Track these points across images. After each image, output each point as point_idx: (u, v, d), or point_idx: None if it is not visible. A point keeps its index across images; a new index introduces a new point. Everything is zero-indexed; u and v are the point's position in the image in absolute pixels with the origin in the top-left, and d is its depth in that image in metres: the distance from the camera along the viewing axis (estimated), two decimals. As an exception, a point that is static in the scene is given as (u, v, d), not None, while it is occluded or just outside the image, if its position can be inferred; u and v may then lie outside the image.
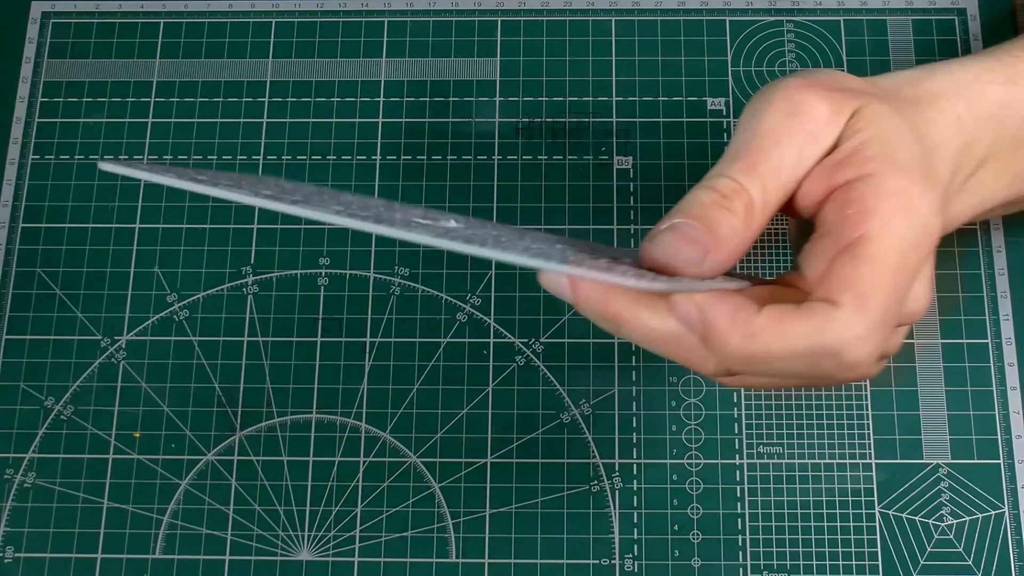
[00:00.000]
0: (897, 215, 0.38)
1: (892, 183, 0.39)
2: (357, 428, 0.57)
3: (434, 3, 0.65)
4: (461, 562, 0.54)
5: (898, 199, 0.39)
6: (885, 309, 0.38)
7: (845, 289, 0.38)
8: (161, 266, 0.60)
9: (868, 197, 0.39)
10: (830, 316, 0.37)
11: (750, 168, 0.40)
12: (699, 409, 0.57)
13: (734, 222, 0.39)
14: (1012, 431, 0.56)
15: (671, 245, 0.39)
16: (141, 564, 0.55)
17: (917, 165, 0.40)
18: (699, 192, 0.40)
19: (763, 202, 0.40)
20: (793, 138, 0.40)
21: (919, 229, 0.39)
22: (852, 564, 0.54)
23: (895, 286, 0.38)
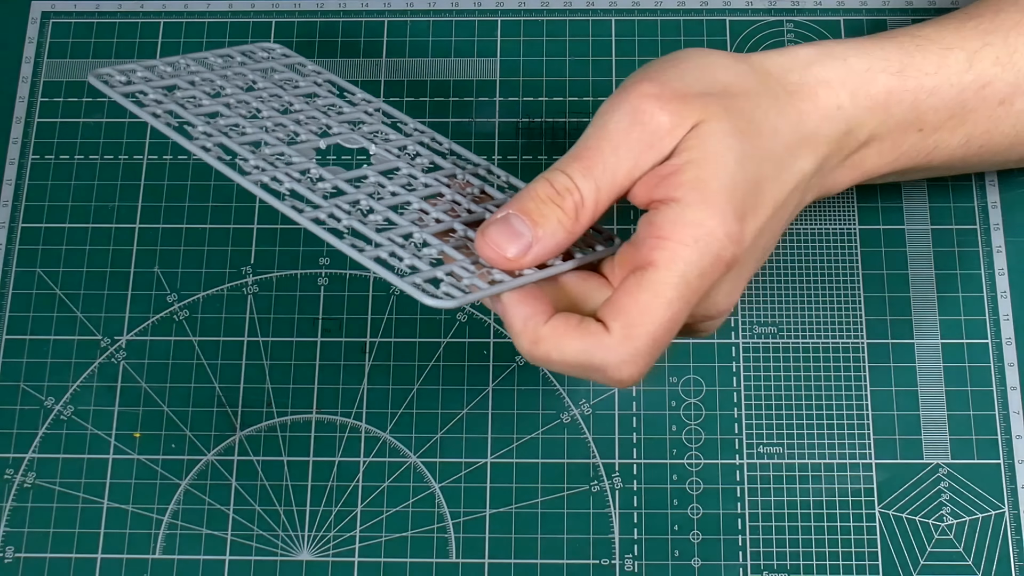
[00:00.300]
0: (687, 247, 0.42)
1: (692, 214, 0.42)
2: (357, 428, 0.57)
3: (434, 3, 0.65)
4: (461, 562, 0.54)
5: (693, 230, 0.42)
6: (653, 338, 0.42)
7: (618, 316, 0.42)
8: (161, 266, 0.60)
9: (666, 225, 0.42)
10: (599, 340, 0.42)
11: (586, 170, 0.43)
12: (699, 409, 0.57)
13: (563, 218, 0.43)
14: (1012, 431, 0.56)
15: (499, 236, 0.43)
16: (141, 564, 0.55)
17: (725, 195, 0.43)
18: (539, 184, 0.43)
19: (595, 201, 0.43)
20: (631, 146, 0.43)
21: (710, 259, 0.42)
22: (852, 564, 0.54)
23: (670, 317, 0.42)
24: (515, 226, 0.43)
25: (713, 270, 0.43)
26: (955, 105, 0.51)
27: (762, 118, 0.46)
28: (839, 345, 0.57)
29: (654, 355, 0.43)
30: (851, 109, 0.48)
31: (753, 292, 0.58)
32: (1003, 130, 0.52)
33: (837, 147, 0.49)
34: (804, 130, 0.47)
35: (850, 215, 0.60)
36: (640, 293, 0.42)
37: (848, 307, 0.58)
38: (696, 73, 0.46)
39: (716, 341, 0.58)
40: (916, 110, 0.50)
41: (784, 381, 0.57)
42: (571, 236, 0.43)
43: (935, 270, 0.59)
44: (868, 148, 0.50)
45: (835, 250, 0.59)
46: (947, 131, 0.51)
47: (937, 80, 0.50)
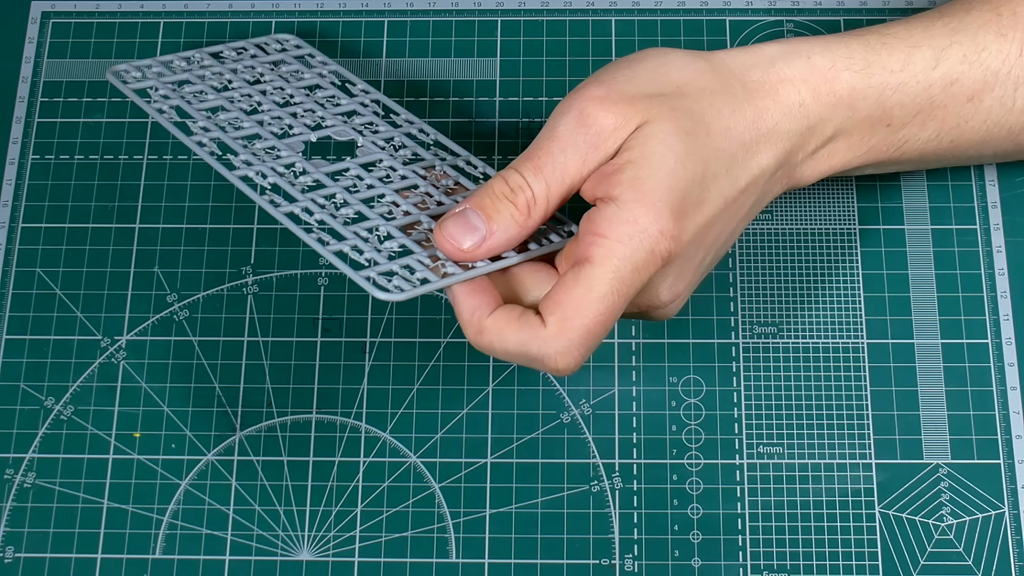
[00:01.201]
0: (621, 244, 0.44)
1: (627, 212, 0.45)
2: (357, 428, 0.57)
3: (434, 3, 0.65)
4: (461, 562, 0.54)
5: (627, 228, 0.45)
6: (586, 331, 0.45)
7: (554, 311, 0.45)
8: (161, 266, 0.60)
9: (603, 222, 0.45)
10: (536, 333, 0.45)
11: (537, 170, 0.46)
12: (699, 409, 0.57)
13: (515, 214, 0.46)
14: (1012, 431, 0.56)
15: (455, 229, 0.46)
16: (141, 564, 0.55)
17: (662, 193, 0.45)
18: (495, 182, 0.46)
19: (546, 198, 0.46)
20: (577, 147, 0.46)
21: (643, 255, 0.45)
22: (852, 564, 0.54)
23: (603, 311, 0.45)
24: (471, 220, 0.46)
25: (647, 265, 0.45)
26: (922, 101, 0.51)
27: (713, 117, 0.47)
28: (839, 345, 0.57)
29: (589, 345, 0.45)
30: (813, 106, 0.50)
31: (753, 292, 0.58)
32: (973, 125, 0.53)
33: (800, 142, 0.50)
34: (762, 127, 0.49)
35: (850, 215, 0.60)
36: (575, 288, 0.44)
37: (848, 307, 0.58)
38: (648, 75, 0.48)
39: (716, 341, 0.58)
40: (882, 106, 0.51)
41: (784, 381, 0.57)
42: (523, 230, 0.46)
43: (935, 270, 0.59)
44: (836, 142, 0.51)
45: (835, 250, 0.59)
46: (916, 126, 0.52)
47: (903, 77, 0.51)
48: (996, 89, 0.52)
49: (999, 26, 0.52)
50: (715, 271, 0.59)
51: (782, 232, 0.59)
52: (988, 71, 0.51)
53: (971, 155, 0.55)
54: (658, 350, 0.58)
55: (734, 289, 0.59)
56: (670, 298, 0.49)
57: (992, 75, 0.51)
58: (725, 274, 0.59)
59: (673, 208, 0.45)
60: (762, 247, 0.59)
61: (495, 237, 0.46)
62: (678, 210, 0.45)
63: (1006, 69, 0.51)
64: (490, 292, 0.46)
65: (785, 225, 0.60)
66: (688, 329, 0.58)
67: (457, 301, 0.47)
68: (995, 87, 0.52)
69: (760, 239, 0.59)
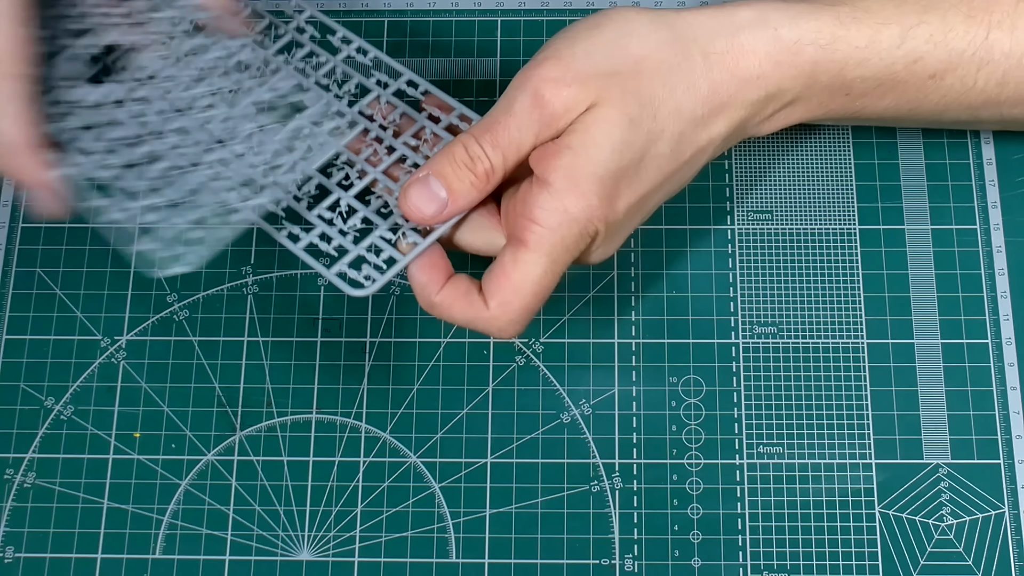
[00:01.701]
0: (553, 232, 0.48)
1: (559, 201, 0.48)
2: (357, 428, 0.57)
3: (434, 3, 0.65)
4: (461, 562, 0.54)
5: (559, 217, 0.48)
6: (524, 306, 0.49)
7: (494, 295, 0.49)
8: (161, 266, 0.60)
9: (536, 209, 0.48)
10: (480, 313, 0.49)
11: (495, 143, 0.49)
12: (699, 409, 0.57)
13: (475, 181, 0.49)
14: (1012, 431, 0.56)
15: (418, 198, 0.49)
16: (141, 564, 0.55)
17: (595, 182, 0.48)
18: (457, 149, 0.49)
19: (503, 168, 0.49)
20: (532, 124, 0.49)
21: (574, 238, 0.48)
22: (852, 564, 0.54)
23: (539, 290, 0.49)
24: (433, 188, 0.49)
25: (577, 244, 0.49)
26: (884, 76, 0.52)
27: (665, 98, 0.49)
28: (839, 345, 0.57)
29: (528, 317, 0.50)
30: (774, 77, 0.51)
31: (753, 292, 0.58)
32: (932, 99, 0.53)
33: (757, 109, 0.52)
34: (716, 101, 0.50)
35: (850, 215, 0.60)
36: (513, 273, 0.49)
37: (848, 307, 0.58)
38: (607, 49, 0.49)
39: (716, 341, 0.58)
40: (843, 78, 0.52)
41: (784, 381, 0.57)
42: (480, 196, 0.49)
43: (935, 270, 0.59)
44: (794, 106, 0.53)
45: (835, 250, 0.59)
46: (875, 97, 0.53)
47: (867, 53, 0.51)
48: (959, 69, 0.52)
49: (969, 8, 0.52)
50: (715, 271, 0.59)
51: (782, 232, 0.59)
52: (953, 52, 0.52)
53: (930, 121, 0.56)
54: (658, 350, 0.58)
55: (734, 289, 0.59)
56: (601, 259, 0.52)
57: (957, 56, 0.52)
58: (725, 274, 0.59)
59: (603, 194, 0.48)
60: (762, 247, 0.59)
61: (455, 204, 0.49)
62: (609, 194, 0.49)
63: (971, 51, 0.52)
64: (440, 266, 0.50)
65: (785, 225, 0.60)
66: (688, 329, 0.58)
67: (410, 277, 0.50)
68: (958, 67, 0.52)
69: (760, 239, 0.59)
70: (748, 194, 0.60)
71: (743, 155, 0.61)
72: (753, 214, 0.60)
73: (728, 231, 0.60)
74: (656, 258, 0.59)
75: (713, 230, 0.60)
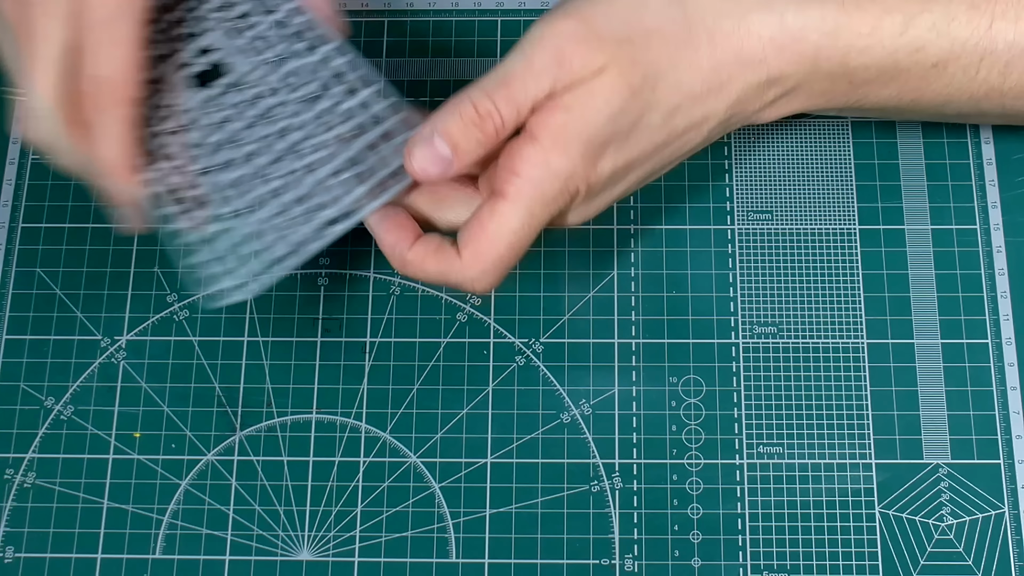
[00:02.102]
0: (533, 185, 0.48)
1: (543, 156, 0.48)
2: (357, 428, 0.57)
3: (434, 3, 0.65)
4: (461, 562, 0.54)
5: (541, 171, 0.48)
6: (498, 258, 0.49)
7: (468, 244, 0.49)
8: (161, 266, 0.60)
9: (520, 162, 0.48)
10: (453, 264, 0.49)
11: (510, 97, 0.48)
12: (699, 409, 0.57)
13: (482, 139, 0.48)
14: (1012, 431, 0.56)
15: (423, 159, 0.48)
16: (141, 564, 0.55)
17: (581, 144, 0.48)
18: (464, 107, 0.48)
19: (514, 125, 0.48)
20: (550, 79, 0.48)
21: (553, 194, 0.48)
22: (852, 564, 0.54)
23: (514, 242, 0.48)
24: (439, 149, 0.48)
25: (556, 201, 0.49)
26: (887, 65, 0.52)
27: (667, 72, 0.49)
28: (839, 345, 0.57)
29: (501, 270, 0.49)
30: (775, 63, 0.51)
31: (753, 292, 0.58)
32: (936, 89, 0.53)
33: (757, 93, 0.52)
34: (718, 80, 0.50)
35: (850, 215, 0.60)
36: (489, 223, 0.48)
37: (848, 307, 0.58)
38: (624, 15, 0.49)
39: (716, 341, 0.58)
40: (845, 67, 0.52)
41: (784, 381, 0.57)
42: (486, 152, 0.49)
43: (935, 270, 0.59)
44: (796, 92, 0.53)
45: (835, 250, 0.59)
46: (878, 85, 0.53)
47: (870, 41, 0.51)
48: (962, 59, 0.52)
49: None
50: (715, 271, 0.59)
51: (782, 232, 0.59)
52: (956, 41, 0.52)
53: (932, 113, 0.56)
54: (658, 350, 0.58)
55: (734, 289, 0.59)
56: (580, 220, 0.52)
57: (959, 45, 0.52)
58: (725, 274, 0.59)
59: (589, 155, 0.48)
60: (762, 247, 0.59)
61: (460, 163, 0.48)
62: (594, 156, 0.49)
63: (974, 40, 0.52)
64: (408, 226, 0.50)
65: (785, 225, 0.60)
66: (688, 329, 0.58)
67: (378, 238, 0.50)
68: (960, 56, 0.52)
69: (760, 239, 0.59)
70: (748, 194, 0.60)
71: (743, 155, 0.61)
72: (753, 214, 0.60)
73: (728, 231, 0.60)
74: (656, 258, 0.59)
75: (713, 230, 0.60)
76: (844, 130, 0.61)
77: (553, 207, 0.49)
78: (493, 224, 0.48)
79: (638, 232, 0.60)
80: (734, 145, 0.61)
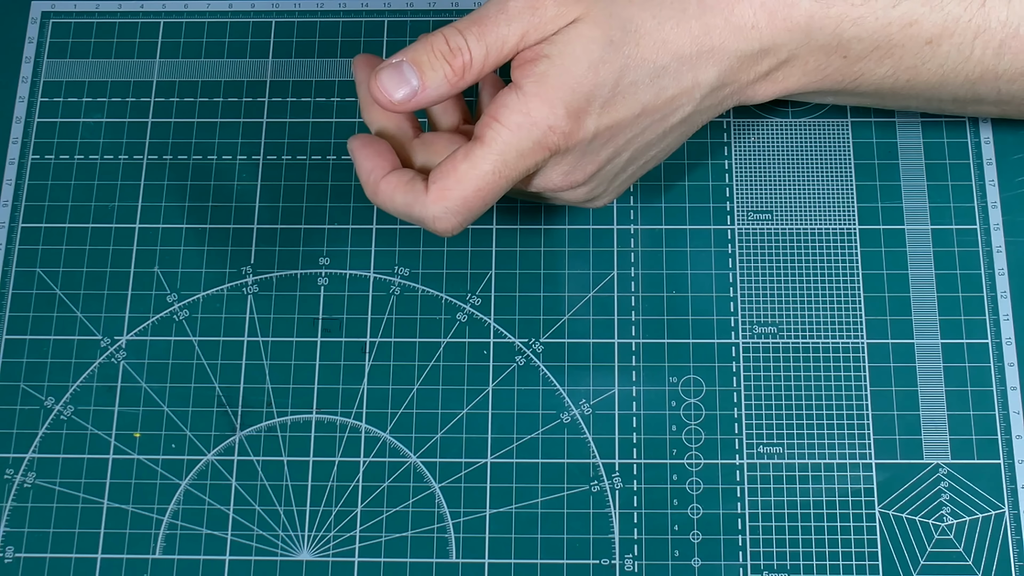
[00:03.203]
0: (509, 131, 0.48)
1: (524, 103, 0.48)
2: (357, 428, 0.57)
3: (434, 3, 0.65)
4: (461, 562, 0.54)
5: (519, 118, 0.48)
6: (464, 200, 0.49)
7: (437, 179, 0.49)
8: (161, 266, 0.60)
9: (501, 108, 0.48)
10: (419, 198, 0.49)
11: (481, 35, 0.48)
12: (699, 409, 0.57)
13: (449, 74, 0.48)
14: (1012, 431, 0.56)
15: (388, 81, 0.49)
16: (141, 564, 0.55)
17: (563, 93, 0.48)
18: (436, 39, 0.49)
19: (482, 64, 0.49)
20: (523, 24, 0.48)
21: (530, 144, 0.48)
22: (852, 564, 0.54)
23: (482, 185, 0.49)
24: (405, 74, 0.49)
25: (532, 153, 0.49)
26: (880, 38, 0.52)
27: (652, 29, 0.49)
28: (839, 345, 0.57)
29: (465, 214, 0.49)
30: (767, 30, 0.51)
31: (753, 292, 0.58)
32: (930, 68, 0.53)
33: (750, 63, 0.51)
34: (706, 44, 0.50)
35: (850, 215, 0.60)
36: (462, 163, 0.49)
37: (848, 307, 0.58)
38: None
39: (716, 341, 0.58)
40: (838, 37, 0.52)
41: (784, 381, 0.57)
42: (453, 90, 0.49)
43: (935, 270, 0.59)
44: (791, 66, 0.52)
45: (835, 250, 0.59)
46: (872, 61, 0.53)
47: (862, 11, 0.51)
48: (955, 36, 0.52)
49: None
50: (715, 271, 0.59)
51: (782, 232, 0.59)
52: (948, 17, 0.52)
53: (928, 97, 0.56)
54: (658, 350, 0.58)
55: (734, 289, 0.59)
56: (566, 184, 0.52)
57: (952, 21, 0.52)
58: (725, 274, 0.59)
59: (570, 107, 0.48)
60: (762, 247, 0.59)
61: (425, 94, 0.49)
62: (577, 109, 0.48)
63: (967, 17, 0.52)
64: (387, 156, 0.51)
65: (785, 225, 0.60)
66: (688, 329, 0.58)
67: (356, 162, 0.51)
68: (954, 33, 0.52)
69: (760, 239, 0.59)
70: (748, 194, 0.60)
71: (743, 155, 0.61)
72: (753, 214, 0.60)
73: (728, 231, 0.60)
74: (656, 258, 0.59)
75: (713, 230, 0.60)
76: (844, 130, 0.61)
77: (529, 159, 0.49)
78: (465, 164, 0.49)
79: (638, 232, 0.60)
80: (734, 145, 0.61)
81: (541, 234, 0.60)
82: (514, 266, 0.59)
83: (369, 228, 0.60)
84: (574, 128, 0.49)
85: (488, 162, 0.48)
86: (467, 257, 0.60)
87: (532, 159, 0.49)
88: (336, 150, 0.62)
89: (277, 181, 0.61)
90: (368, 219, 0.60)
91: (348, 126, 0.62)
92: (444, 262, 0.59)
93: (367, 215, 0.60)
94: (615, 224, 0.60)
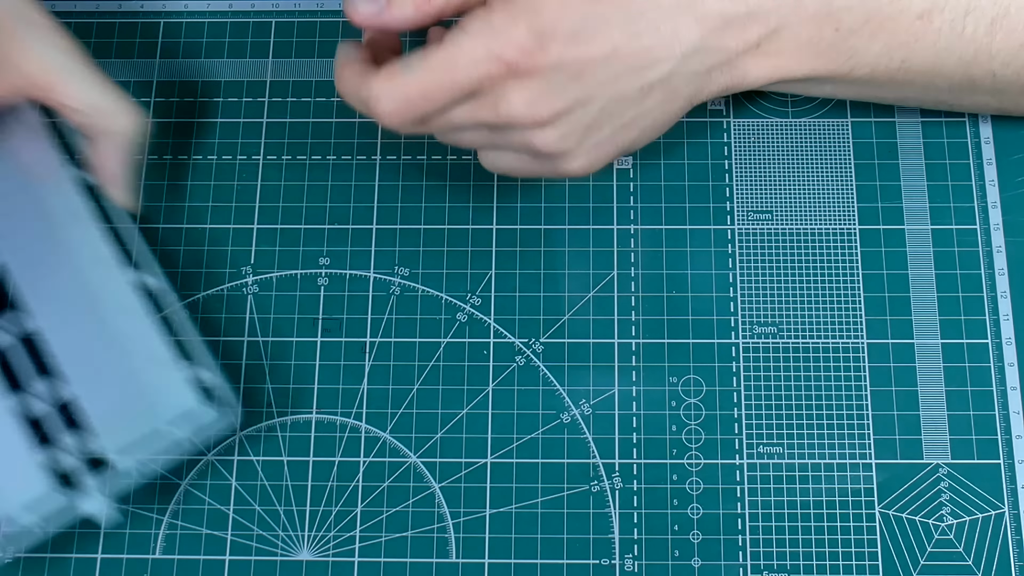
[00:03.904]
0: (467, 35, 0.48)
1: (488, 14, 0.48)
2: (357, 428, 0.57)
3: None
4: (461, 562, 0.54)
5: (480, 25, 0.48)
6: (404, 95, 0.49)
7: (387, 67, 0.49)
8: (161, 266, 0.60)
9: (467, 20, 0.48)
10: (366, 78, 0.50)
11: None
12: (699, 409, 0.57)
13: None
14: (1012, 431, 0.56)
15: None
16: (141, 564, 0.55)
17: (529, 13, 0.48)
18: None
19: None
20: None
21: (484, 52, 0.48)
22: (852, 564, 0.54)
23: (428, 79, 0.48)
24: None
25: (485, 63, 0.48)
26: (870, 9, 0.52)
27: None
28: (839, 345, 0.57)
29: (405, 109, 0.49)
30: None
31: (753, 292, 0.58)
32: (923, 45, 0.53)
33: (737, 28, 0.51)
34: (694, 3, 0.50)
35: (850, 215, 0.60)
36: (414, 58, 0.49)
37: (848, 307, 0.58)
38: None
39: (716, 341, 0.58)
40: (829, 6, 0.51)
41: (784, 381, 0.57)
42: (418, 15, 0.50)
43: (935, 270, 0.59)
44: (781, 38, 0.52)
45: (835, 250, 0.59)
46: (865, 36, 0.52)
47: None
48: (946, 11, 0.52)
49: None
50: (715, 271, 0.59)
51: (782, 232, 0.59)
52: None
53: (924, 84, 0.55)
54: (658, 350, 0.58)
55: (734, 289, 0.59)
56: (530, 116, 0.50)
57: None
58: (725, 274, 0.59)
59: (533, 25, 0.48)
60: (762, 247, 0.59)
61: (390, 14, 0.49)
62: (540, 30, 0.48)
63: None
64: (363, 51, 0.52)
65: (785, 225, 0.60)
66: (688, 329, 0.58)
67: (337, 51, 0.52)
68: (945, 9, 0.52)
69: (760, 239, 0.59)
70: (748, 194, 0.60)
71: (743, 155, 0.61)
72: (753, 214, 0.60)
73: (728, 231, 0.60)
74: (656, 258, 0.59)
75: (713, 230, 0.60)
76: (844, 130, 0.61)
77: (482, 68, 0.48)
78: (415, 59, 0.49)
79: (638, 232, 0.60)
80: (734, 145, 0.61)
81: (541, 234, 0.60)
82: (514, 266, 0.59)
83: (369, 228, 0.60)
84: (535, 47, 0.48)
85: (438, 58, 0.48)
86: (467, 257, 0.60)
87: (485, 69, 0.48)
88: (336, 150, 0.62)
89: (277, 181, 0.61)
90: (368, 219, 0.60)
91: (348, 126, 0.62)
92: (444, 262, 0.59)
93: (367, 215, 0.60)
94: (615, 224, 0.60)
